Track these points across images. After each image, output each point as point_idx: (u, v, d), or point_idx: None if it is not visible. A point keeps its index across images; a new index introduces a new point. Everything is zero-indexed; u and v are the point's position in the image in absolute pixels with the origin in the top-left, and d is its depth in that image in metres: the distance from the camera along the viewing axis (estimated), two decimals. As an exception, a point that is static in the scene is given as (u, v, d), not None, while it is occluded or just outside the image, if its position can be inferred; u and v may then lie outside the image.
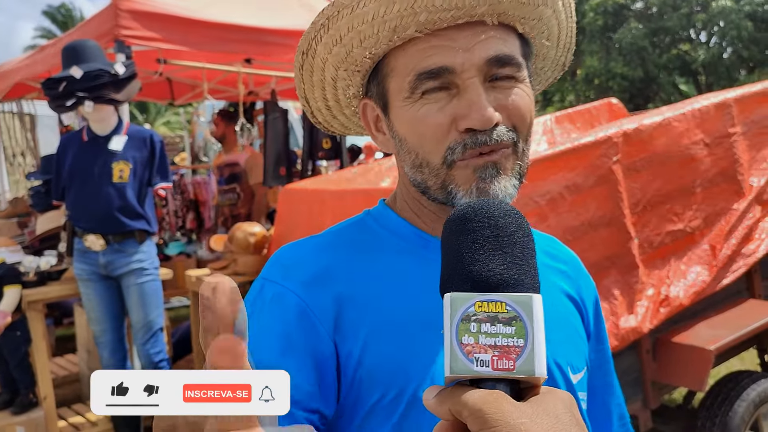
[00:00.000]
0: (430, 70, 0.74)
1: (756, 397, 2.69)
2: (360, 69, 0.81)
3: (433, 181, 0.78)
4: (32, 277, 3.52)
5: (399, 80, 0.78)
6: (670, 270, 2.53)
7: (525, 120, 0.78)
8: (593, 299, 0.98)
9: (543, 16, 0.80)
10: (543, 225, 2.10)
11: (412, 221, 0.86)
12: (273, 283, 0.80)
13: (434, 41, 0.75)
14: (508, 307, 0.51)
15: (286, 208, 3.42)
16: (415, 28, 0.74)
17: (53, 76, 3.27)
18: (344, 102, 0.88)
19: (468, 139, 0.74)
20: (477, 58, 0.74)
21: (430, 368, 0.75)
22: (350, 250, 0.83)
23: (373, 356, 0.76)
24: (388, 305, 0.78)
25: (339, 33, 0.77)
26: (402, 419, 0.75)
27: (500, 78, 0.76)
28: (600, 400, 0.99)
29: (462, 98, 0.74)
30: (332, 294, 0.78)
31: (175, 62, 4.46)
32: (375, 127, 0.87)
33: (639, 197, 2.44)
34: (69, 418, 3.76)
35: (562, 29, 0.85)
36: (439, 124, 0.75)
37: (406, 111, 0.78)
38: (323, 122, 0.94)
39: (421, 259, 0.81)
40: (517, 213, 0.57)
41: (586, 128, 4.08)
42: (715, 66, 22.05)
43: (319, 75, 0.84)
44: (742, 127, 2.81)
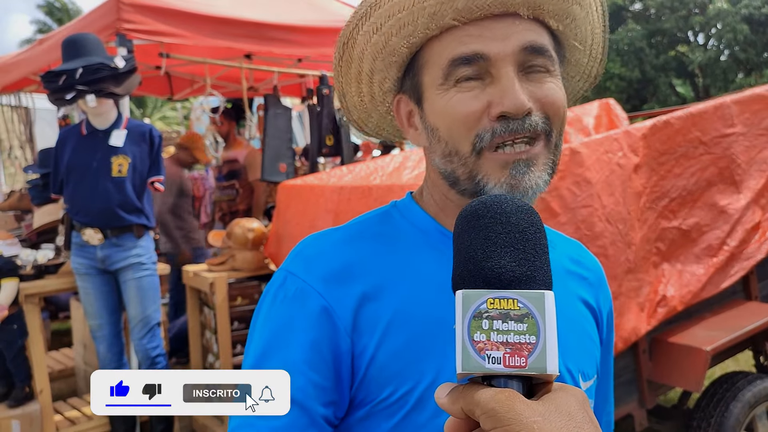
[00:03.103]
0: (465, 56, 0.75)
1: (751, 398, 2.70)
2: (397, 59, 0.82)
3: (461, 170, 0.78)
4: (29, 270, 3.52)
5: (433, 70, 0.79)
6: (669, 270, 2.53)
7: (559, 112, 0.78)
8: (608, 310, 0.99)
9: (576, 17, 0.81)
10: (553, 221, 2.11)
11: (436, 216, 0.86)
12: (295, 276, 0.81)
13: (470, 30, 0.76)
14: (520, 304, 0.52)
15: (285, 205, 3.42)
16: (452, 15, 0.75)
17: (53, 69, 3.26)
18: (379, 97, 0.88)
19: (498, 126, 0.74)
20: (512, 46, 0.75)
21: (443, 366, 0.76)
22: (372, 243, 0.84)
23: (387, 353, 0.76)
24: (404, 302, 0.78)
25: (379, 21, 0.79)
26: (405, 418, 0.75)
27: (534, 70, 0.76)
28: (594, 406, 1.00)
29: (495, 86, 0.75)
30: (352, 291, 0.78)
31: (177, 57, 4.45)
32: (408, 122, 0.87)
33: (640, 194, 2.45)
34: (65, 412, 3.76)
35: (595, 37, 0.86)
36: (471, 111, 0.75)
37: (439, 99, 0.78)
38: (358, 120, 0.94)
39: (441, 256, 0.81)
40: (530, 209, 0.57)
41: (580, 128, 4.10)
42: (711, 68, 22.09)
43: (357, 67, 0.85)
44: (742, 128, 2.82)
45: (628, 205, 2.35)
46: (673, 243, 2.56)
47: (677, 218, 2.57)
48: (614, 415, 1.09)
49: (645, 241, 2.44)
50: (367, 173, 3.63)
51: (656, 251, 2.49)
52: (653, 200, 2.49)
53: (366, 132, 0.97)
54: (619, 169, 2.33)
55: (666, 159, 2.54)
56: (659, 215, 2.51)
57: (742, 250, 2.78)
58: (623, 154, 2.36)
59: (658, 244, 2.50)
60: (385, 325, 0.77)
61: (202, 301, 3.77)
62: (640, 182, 2.43)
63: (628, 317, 2.32)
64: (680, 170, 2.59)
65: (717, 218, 2.72)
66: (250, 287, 3.66)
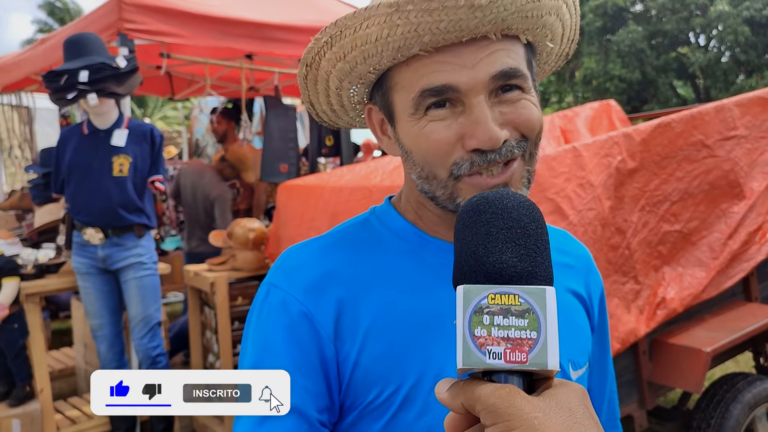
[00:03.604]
0: (434, 87, 0.74)
1: (751, 399, 2.70)
2: (364, 81, 0.82)
3: (441, 192, 0.78)
4: (30, 269, 3.52)
5: (404, 95, 0.78)
6: (670, 274, 2.53)
7: (534, 129, 0.77)
8: (599, 294, 1.00)
9: (547, 24, 0.79)
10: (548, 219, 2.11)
11: (414, 222, 0.87)
12: (278, 288, 0.82)
13: (438, 57, 0.74)
14: (521, 300, 0.52)
15: (285, 205, 3.42)
16: (419, 47, 0.73)
17: (55, 68, 3.27)
18: (349, 107, 0.89)
19: (476, 158, 0.74)
20: (482, 74, 0.73)
21: (426, 366, 0.77)
22: (352, 251, 0.85)
23: (369, 357, 0.78)
24: (385, 306, 0.80)
25: (343, 50, 0.77)
26: (393, 419, 0.77)
27: (506, 90, 0.75)
28: (589, 389, 1.01)
29: (468, 117, 0.74)
30: (333, 299, 0.80)
31: (179, 57, 4.45)
32: (380, 130, 0.87)
33: (639, 198, 2.45)
34: (65, 411, 3.76)
35: (566, 28, 0.85)
36: (445, 141, 0.75)
37: (411, 127, 0.78)
38: (328, 122, 0.95)
39: (421, 261, 0.83)
40: (531, 204, 0.57)
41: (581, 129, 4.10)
42: (712, 69, 22.09)
43: (324, 85, 0.84)
44: (744, 130, 2.82)
45: (625, 209, 2.35)
46: (674, 246, 2.56)
47: (679, 222, 2.57)
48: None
49: (646, 244, 2.44)
50: (367, 173, 3.63)
51: (657, 254, 2.49)
52: (654, 204, 2.49)
53: (339, 127, 0.97)
54: (617, 173, 2.34)
55: (668, 162, 2.54)
56: (661, 219, 2.51)
57: (743, 252, 2.77)
58: (622, 159, 2.36)
59: (660, 247, 2.50)
60: (365, 329, 0.78)
61: (202, 300, 3.78)
62: (637, 186, 2.42)
63: (623, 320, 2.31)
64: (682, 173, 2.59)
65: (719, 221, 2.72)
66: (250, 287, 3.66)
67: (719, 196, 2.73)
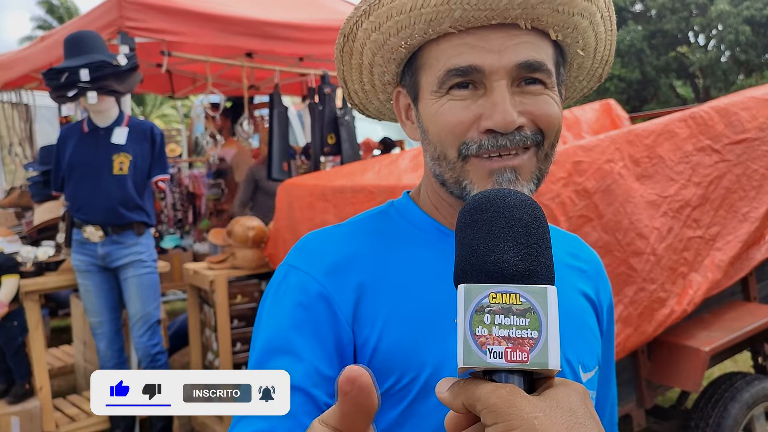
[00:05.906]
0: (460, 67, 0.76)
1: (749, 398, 2.71)
2: (395, 57, 0.83)
3: (449, 174, 0.80)
4: (30, 267, 3.52)
5: (430, 74, 0.80)
6: (697, 281, 2.50)
7: (553, 126, 0.78)
8: (608, 301, 1.00)
9: (579, 26, 0.80)
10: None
11: (432, 214, 0.88)
12: (297, 270, 0.83)
13: (467, 39, 0.76)
14: (522, 299, 0.51)
15: (286, 203, 3.42)
16: (449, 23, 0.75)
17: (55, 66, 3.26)
18: (379, 87, 0.90)
19: (486, 140, 0.76)
20: (507, 61, 0.75)
21: (445, 356, 0.77)
22: (372, 240, 0.85)
23: (389, 344, 0.78)
24: (404, 295, 0.80)
25: (378, 20, 0.79)
26: (410, 406, 0.77)
27: (529, 82, 0.77)
28: (597, 395, 1.01)
29: (488, 99, 0.76)
30: (352, 283, 0.80)
31: (179, 55, 4.45)
32: (405, 114, 0.89)
33: (660, 204, 2.42)
34: (64, 408, 3.76)
35: (599, 41, 0.85)
36: (461, 120, 0.77)
37: (432, 104, 0.80)
38: (359, 104, 0.96)
39: (439, 252, 0.83)
40: (533, 203, 0.57)
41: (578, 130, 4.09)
42: (712, 69, 22.08)
43: (358, 59, 0.86)
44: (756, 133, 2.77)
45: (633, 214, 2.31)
46: (698, 253, 2.53)
47: (700, 227, 2.55)
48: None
49: (672, 251, 2.40)
50: (367, 172, 3.62)
51: (684, 261, 2.45)
52: (677, 210, 2.45)
53: (368, 115, 0.98)
54: (620, 178, 2.31)
55: (683, 168, 2.52)
56: (684, 225, 2.47)
57: (744, 252, 2.76)
58: (624, 164, 2.34)
59: (685, 254, 2.47)
60: (385, 316, 0.79)
61: (202, 298, 3.78)
62: (654, 192, 2.39)
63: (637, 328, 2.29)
64: (698, 179, 2.56)
65: (739, 226, 2.69)
66: (250, 285, 3.66)
67: (738, 200, 2.68)
